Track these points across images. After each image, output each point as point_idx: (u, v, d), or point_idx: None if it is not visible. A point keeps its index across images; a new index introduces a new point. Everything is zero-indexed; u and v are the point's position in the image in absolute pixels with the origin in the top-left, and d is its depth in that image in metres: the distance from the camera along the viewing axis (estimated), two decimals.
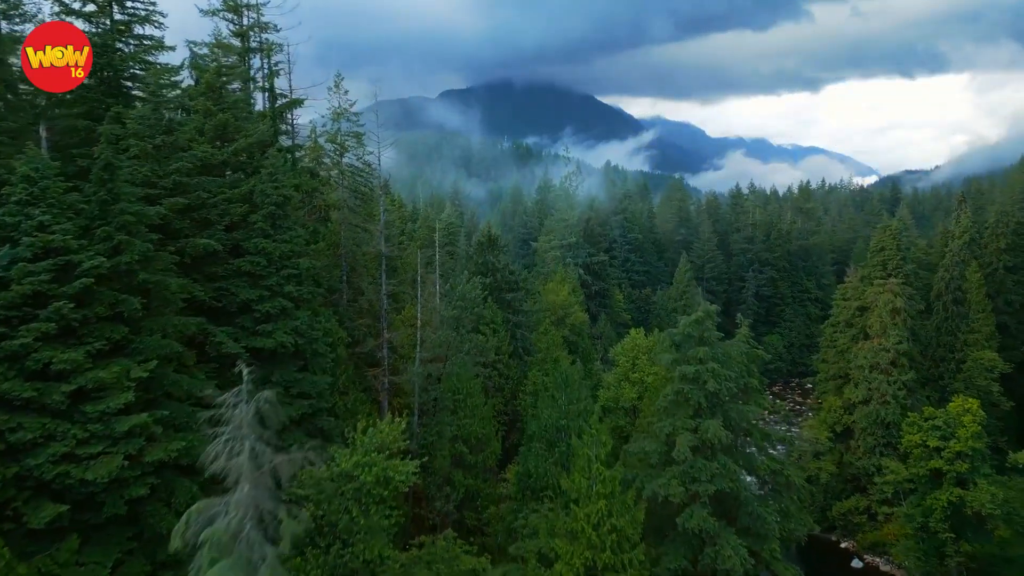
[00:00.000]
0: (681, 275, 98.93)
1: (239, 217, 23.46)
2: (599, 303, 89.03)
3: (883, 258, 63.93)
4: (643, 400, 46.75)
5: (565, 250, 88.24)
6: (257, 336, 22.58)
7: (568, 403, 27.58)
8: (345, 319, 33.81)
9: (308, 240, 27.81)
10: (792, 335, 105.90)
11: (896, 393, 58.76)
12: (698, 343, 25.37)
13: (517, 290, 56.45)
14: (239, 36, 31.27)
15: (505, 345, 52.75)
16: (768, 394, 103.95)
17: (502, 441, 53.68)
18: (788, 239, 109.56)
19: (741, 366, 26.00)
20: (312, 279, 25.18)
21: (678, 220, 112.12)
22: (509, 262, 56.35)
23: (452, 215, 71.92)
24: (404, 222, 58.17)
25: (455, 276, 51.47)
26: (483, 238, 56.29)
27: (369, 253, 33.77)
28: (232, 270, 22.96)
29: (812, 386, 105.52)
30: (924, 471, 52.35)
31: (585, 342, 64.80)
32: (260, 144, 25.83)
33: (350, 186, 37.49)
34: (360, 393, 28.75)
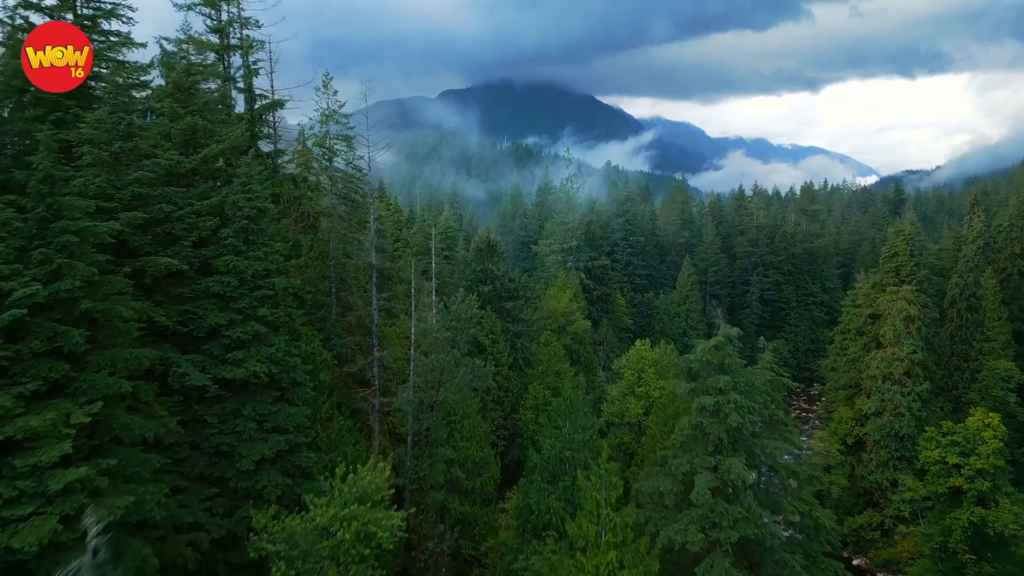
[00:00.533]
0: (684, 279, 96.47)
1: (209, 232, 20.96)
2: (601, 308, 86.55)
3: (896, 264, 61.45)
4: (650, 416, 44.33)
5: (566, 254, 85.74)
6: (227, 365, 20.09)
7: (573, 432, 25.12)
8: (333, 336, 31.36)
9: (289, 254, 25.31)
10: (797, 340, 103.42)
11: (911, 405, 56.33)
12: (718, 371, 22.88)
13: (517, 298, 53.95)
14: (217, 32, 28.75)
15: (505, 356, 50.30)
16: None
17: (501, 457, 51.30)
18: (793, 242, 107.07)
19: (765, 396, 23.48)
20: (291, 299, 22.67)
21: (681, 222, 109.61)
22: (508, 269, 53.89)
23: (450, 219, 69.54)
24: (399, 228, 55.69)
25: (451, 290, 48.94)
26: (482, 244, 53.80)
27: (359, 265, 31.28)
28: (200, 291, 20.48)
29: (818, 392, 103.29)
30: (943, 489, 49.93)
31: (587, 351, 62.32)
32: (235, 150, 23.35)
33: (340, 192, 34.99)
34: (347, 419, 26.29)
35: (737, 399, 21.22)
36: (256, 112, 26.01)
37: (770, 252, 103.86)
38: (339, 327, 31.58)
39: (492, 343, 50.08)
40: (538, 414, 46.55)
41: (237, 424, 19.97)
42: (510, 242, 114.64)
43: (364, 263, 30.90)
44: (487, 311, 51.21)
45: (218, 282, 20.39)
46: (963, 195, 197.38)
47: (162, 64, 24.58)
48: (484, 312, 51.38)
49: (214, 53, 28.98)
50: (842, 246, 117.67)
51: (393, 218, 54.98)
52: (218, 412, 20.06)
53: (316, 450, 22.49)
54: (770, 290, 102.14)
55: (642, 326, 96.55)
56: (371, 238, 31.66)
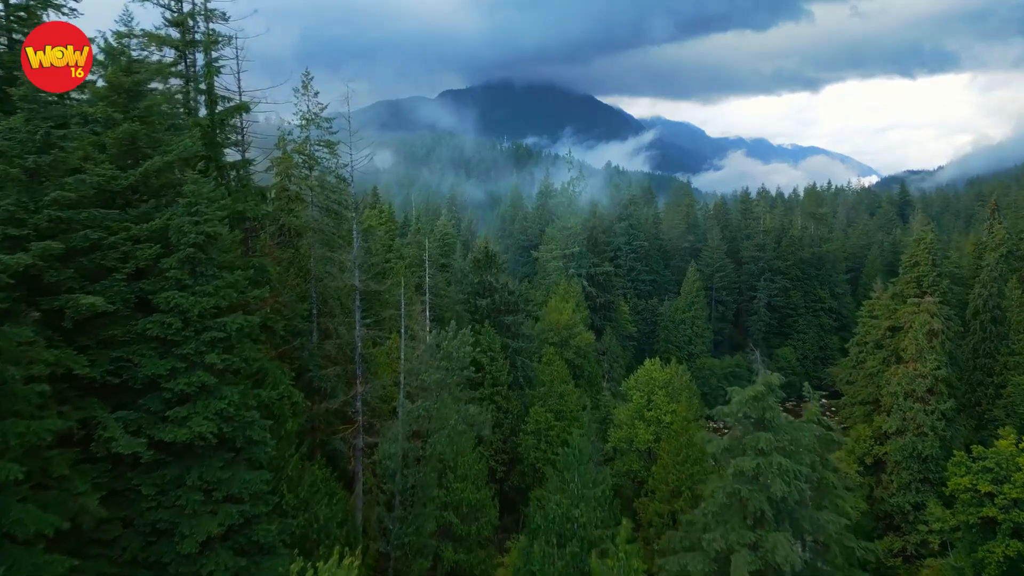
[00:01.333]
0: (690, 285, 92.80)
1: (149, 261, 17.36)
2: (603, 316, 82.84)
3: (917, 274, 57.70)
4: (661, 443, 40.75)
5: (567, 260, 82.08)
6: (167, 424, 16.51)
7: (582, 486, 21.58)
8: (311, 366, 27.75)
9: (255, 279, 21.65)
10: (806, 347, 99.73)
11: (935, 424, 52.71)
12: (757, 426, 19.27)
13: (517, 312, 50.31)
14: (177, 26, 25.12)
15: (504, 375, 46.68)
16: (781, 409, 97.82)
17: (501, 483, 47.70)
18: (800, 246, 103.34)
19: (814, 455, 19.84)
20: (248, 341, 19.03)
21: (685, 226, 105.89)
22: (508, 281, 50.26)
23: (447, 225, 66.03)
24: (392, 237, 52.09)
25: (447, 305, 45.30)
26: (480, 255, 50.16)
27: (340, 288, 27.65)
28: (136, 334, 16.87)
29: (825, 399, 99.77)
30: (974, 519, 46.29)
31: (591, 365, 58.68)
32: (190, 162, 19.76)
33: (322, 204, 31.35)
34: (323, 468, 22.67)
35: (782, 462, 17.58)
36: (218, 117, 22.36)
37: (777, 257, 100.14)
38: (318, 356, 27.95)
39: (490, 361, 46.46)
40: (540, 439, 43.00)
41: (179, 496, 16.35)
42: (510, 246, 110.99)
43: (346, 285, 27.26)
44: (485, 326, 47.64)
45: (157, 323, 16.75)
46: (968, 196, 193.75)
47: (101, 64, 20.91)
48: (482, 327, 47.86)
49: (174, 50, 25.35)
50: (850, 250, 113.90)
51: (385, 227, 51.39)
52: (156, 481, 16.43)
53: (281, 516, 18.88)
54: (777, 296, 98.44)
55: (646, 334, 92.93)
56: (354, 256, 28.00)
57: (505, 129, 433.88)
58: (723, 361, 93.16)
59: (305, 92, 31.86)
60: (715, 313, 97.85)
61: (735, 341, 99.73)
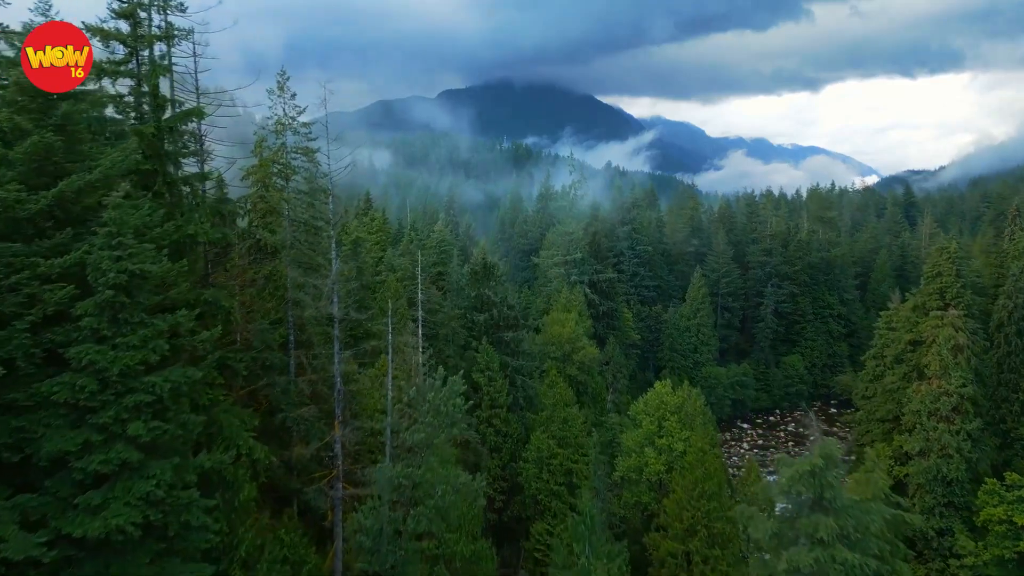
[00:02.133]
0: (695, 291, 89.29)
1: (61, 306, 13.89)
2: (607, 324, 79.28)
3: (940, 285, 54.17)
4: (673, 473, 37.25)
5: (569, 266, 78.55)
6: (77, 513, 13.06)
7: (594, 557, 18.15)
8: (284, 404, 24.26)
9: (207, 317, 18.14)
10: (814, 355, 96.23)
11: (960, 445, 49.23)
12: (814, 507, 15.71)
13: (517, 328, 46.78)
14: (125, 17, 21.60)
15: (503, 396, 43.18)
16: (788, 419, 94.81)
17: (499, 514, 44.22)
18: (808, 250, 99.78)
19: (882, 541, 16.25)
20: (191, 396, 15.52)
21: (690, 230, 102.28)
22: (507, 295, 46.71)
23: (444, 231, 62.44)
24: (384, 247, 48.48)
25: (441, 322, 41.68)
26: (477, 267, 46.61)
27: (315, 317, 24.12)
28: (40, 398, 13.43)
29: (837, 410, 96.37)
30: (1010, 554, 42.90)
31: (596, 381, 55.12)
32: (119, 180, 16.22)
33: (299, 219, 27.82)
34: (290, 533, 19.17)
35: (847, 557, 14.08)
36: (165, 123, 18.79)
37: (785, 262, 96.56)
38: (292, 394, 24.43)
39: (488, 381, 42.95)
40: (541, 468, 39.49)
41: None
42: (509, 250, 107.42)
43: (322, 315, 23.74)
44: (482, 344, 44.16)
45: (67, 385, 13.28)
46: (973, 197, 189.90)
47: (12, 62, 17.31)
48: (479, 345, 44.39)
49: (122, 45, 21.85)
50: (858, 254, 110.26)
51: (376, 236, 47.87)
52: None
53: None
54: (785, 302, 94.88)
55: (650, 342, 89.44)
56: (332, 280, 24.45)
57: (505, 129, 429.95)
58: (729, 370, 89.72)
59: (280, 94, 28.33)
60: (721, 320, 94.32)
61: (741, 348, 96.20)
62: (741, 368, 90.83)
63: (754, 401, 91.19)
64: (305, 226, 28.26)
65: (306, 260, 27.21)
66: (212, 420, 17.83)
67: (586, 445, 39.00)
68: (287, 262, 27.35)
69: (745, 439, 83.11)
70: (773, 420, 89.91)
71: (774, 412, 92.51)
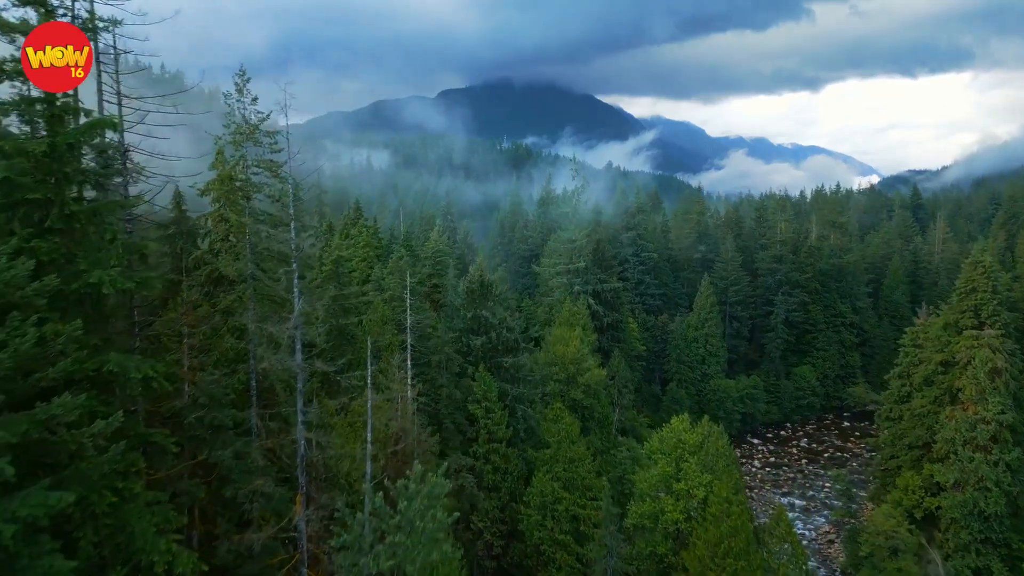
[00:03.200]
0: (703, 300, 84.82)
1: None
2: (611, 337, 74.89)
3: (975, 302, 49.83)
4: (693, 524, 32.88)
5: (572, 276, 74.20)
6: None
7: None
8: (236, 474, 19.92)
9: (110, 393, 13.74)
10: (826, 365, 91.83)
11: (1000, 477, 44.96)
12: None
13: (518, 351, 42.38)
14: (35, 4, 17.28)
15: (502, 428, 38.81)
16: (801, 435, 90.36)
17: (497, 560, 39.90)
18: (819, 256, 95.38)
19: None
20: (47, 538, 11.14)
21: (696, 235, 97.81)
22: (506, 317, 42.28)
23: (440, 241, 58.00)
24: (371, 264, 43.99)
25: (434, 347, 37.20)
26: (474, 284, 42.20)
27: (274, 369, 19.75)
28: None
29: (850, 423, 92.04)
30: None
31: (603, 405, 50.73)
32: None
33: (259, 247, 23.41)
34: None
35: None
36: (61, 139, 14.40)
37: (795, 269, 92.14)
38: (247, 461, 20.07)
39: (486, 413, 38.57)
40: (545, 514, 35.14)
41: None
42: (509, 255, 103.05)
43: (282, 368, 19.34)
44: (479, 371, 39.80)
45: None
46: (980, 198, 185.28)
47: None
48: (476, 372, 40.03)
49: None
50: (869, 260, 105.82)
51: (363, 253, 43.47)
52: None
53: None
54: (796, 311, 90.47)
55: (656, 353, 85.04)
56: (292, 324, 20.06)
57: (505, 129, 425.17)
58: (738, 382, 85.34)
59: (239, 98, 23.90)
60: (729, 330, 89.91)
61: (750, 359, 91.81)
62: (751, 380, 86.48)
63: (764, 415, 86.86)
64: (269, 252, 23.86)
65: (269, 294, 22.85)
66: (119, 525, 13.47)
67: (595, 487, 34.73)
68: (249, 297, 23.01)
69: (756, 456, 78.76)
70: (784, 435, 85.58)
71: (785, 426, 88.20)
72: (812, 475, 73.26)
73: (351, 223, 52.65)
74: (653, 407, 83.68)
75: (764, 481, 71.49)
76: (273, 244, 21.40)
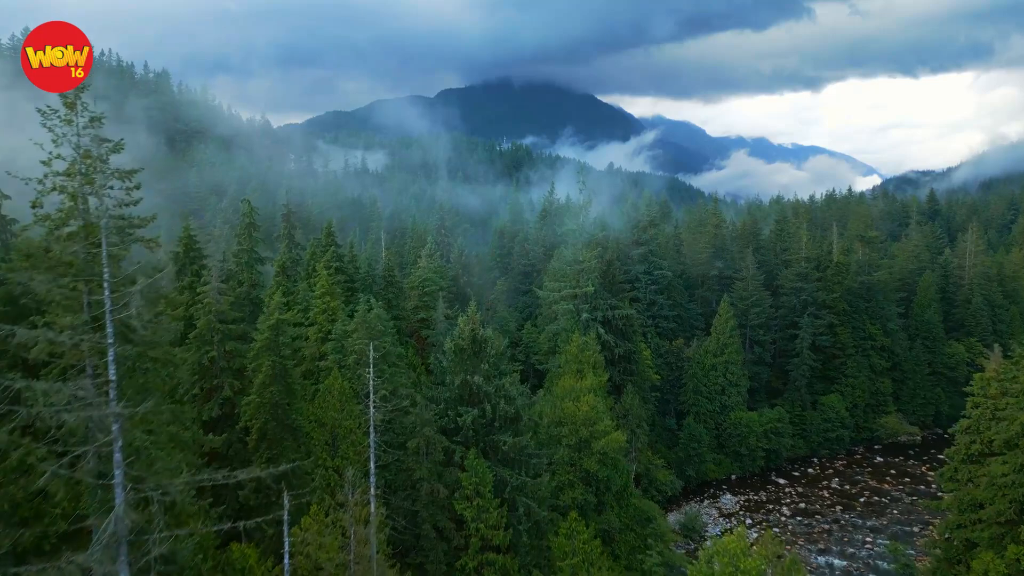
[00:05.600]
0: (722, 323, 75.45)
1: None
2: (623, 370, 65.66)
3: None
4: None
5: (580, 301, 64.92)
6: None
7: None
8: None
9: None
10: (855, 394, 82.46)
11: None
12: None
13: (518, 425, 33.04)
14: None
15: (499, 533, 29.60)
16: (830, 472, 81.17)
17: None
18: (847, 274, 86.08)
19: None
20: None
21: (713, 250, 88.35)
22: (505, 383, 32.81)
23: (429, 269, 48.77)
24: (331, 321, 34.15)
25: (405, 434, 27.81)
26: (463, 342, 32.80)
27: None
28: None
29: (883, 458, 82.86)
30: None
31: (622, 476, 41.38)
32: None
33: None
34: None
35: None
36: None
37: (822, 288, 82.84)
38: None
39: (477, 513, 29.36)
40: None
41: None
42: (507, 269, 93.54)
43: None
44: (470, 456, 30.59)
45: None
46: (999, 203, 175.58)
47: None
48: (467, 457, 30.78)
49: None
50: (898, 275, 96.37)
51: (323, 303, 33.92)
52: None
53: None
54: (823, 334, 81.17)
55: (671, 382, 75.72)
56: None
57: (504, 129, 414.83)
58: (762, 415, 76.02)
59: (70, 116, 14.55)
60: (750, 355, 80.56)
61: (773, 388, 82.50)
62: (775, 412, 77.19)
63: (789, 449, 77.62)
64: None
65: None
66: None
67: None
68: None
69: (784, 500, 69.48)
70: (812, 472, 76.30)
71: (812, 461, 78.94)
72: (850, 526, 63.93)
73: (320, 251, 43.14)
74: (668, 442, 74.44)
75: (796, 535, 62.18)
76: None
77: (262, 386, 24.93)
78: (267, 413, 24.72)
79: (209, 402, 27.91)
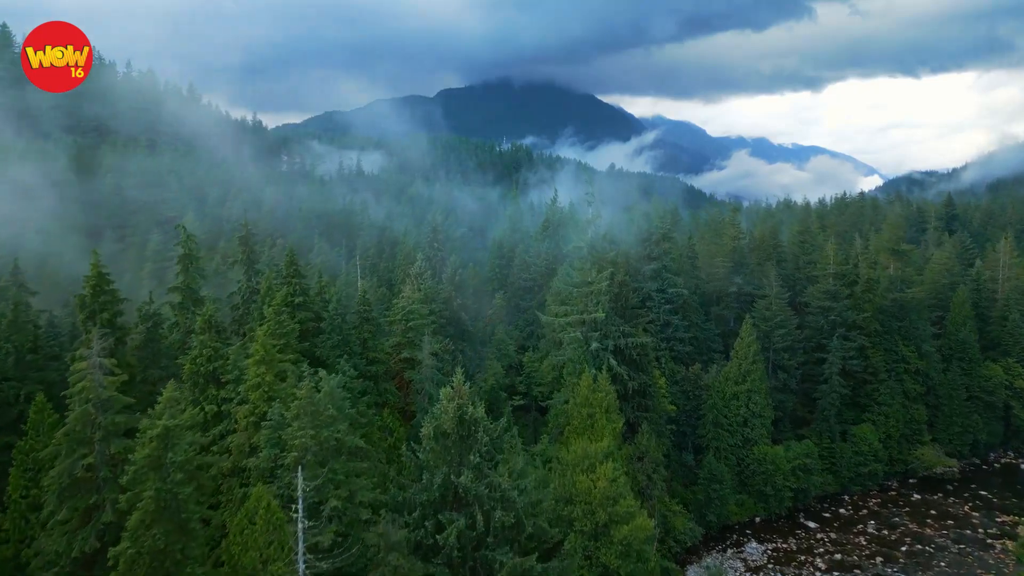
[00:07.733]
0: (744, 347, 66.85)
1: None
2: (637, 405, 57.03)
3: None
4: None
5: (589, 328, 56.38)
6: None
7: None
8: None
9: None
10: (889, 423, 73.72)
11: None
12: None
13: (519, 533, 24.54)
14: None
15: None
16: (864, 512, 72.57)
17: None
18: (876, 291, 77.44)
19: None
20: None
21: (732, 265, 79.63)
22: (502, 480, 24.29)
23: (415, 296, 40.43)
24: (267, 394, 25.63)
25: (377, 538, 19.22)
26: (447, 426, 24.23)
27: None
28: None
29: (920, 495, 74.43)
30: None
31: (650, 570, 32.81)
32: None
33: None
34: None
35: None
36: None
37: (852, 307, 74.22)
38: None
39: None
40: None
41: None
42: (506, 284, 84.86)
43: None
44: None
45: None
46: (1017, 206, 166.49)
47: None
48: None
49: None
50: (928, 290, 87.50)
51: (255, 373, 25.24)
52: None
53: None
54: (854, 358, 72.56)
55: (687, 412, 67.09)
56: None
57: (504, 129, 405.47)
58: (788, 449, 67.45)
59: None
60: (774, 382, 71.93)
61: (798, 417, 73.85)
62: (803, 446, 68.57)
63: (818, 486, 69.08)
64: None
65: None
66: None
67: None
68: None
69: (816, 549, 60.83)
70: (845, 513, 67.72)
71: (843, 499, 70.39)
72: None
73: (277, 286, 34.27)
74: (685, 479, 65.79)
75: None
76: None
77: (139, 528, 16.37)
78: (145, 570, 16.13)
79: (84, 528, 19.31)
